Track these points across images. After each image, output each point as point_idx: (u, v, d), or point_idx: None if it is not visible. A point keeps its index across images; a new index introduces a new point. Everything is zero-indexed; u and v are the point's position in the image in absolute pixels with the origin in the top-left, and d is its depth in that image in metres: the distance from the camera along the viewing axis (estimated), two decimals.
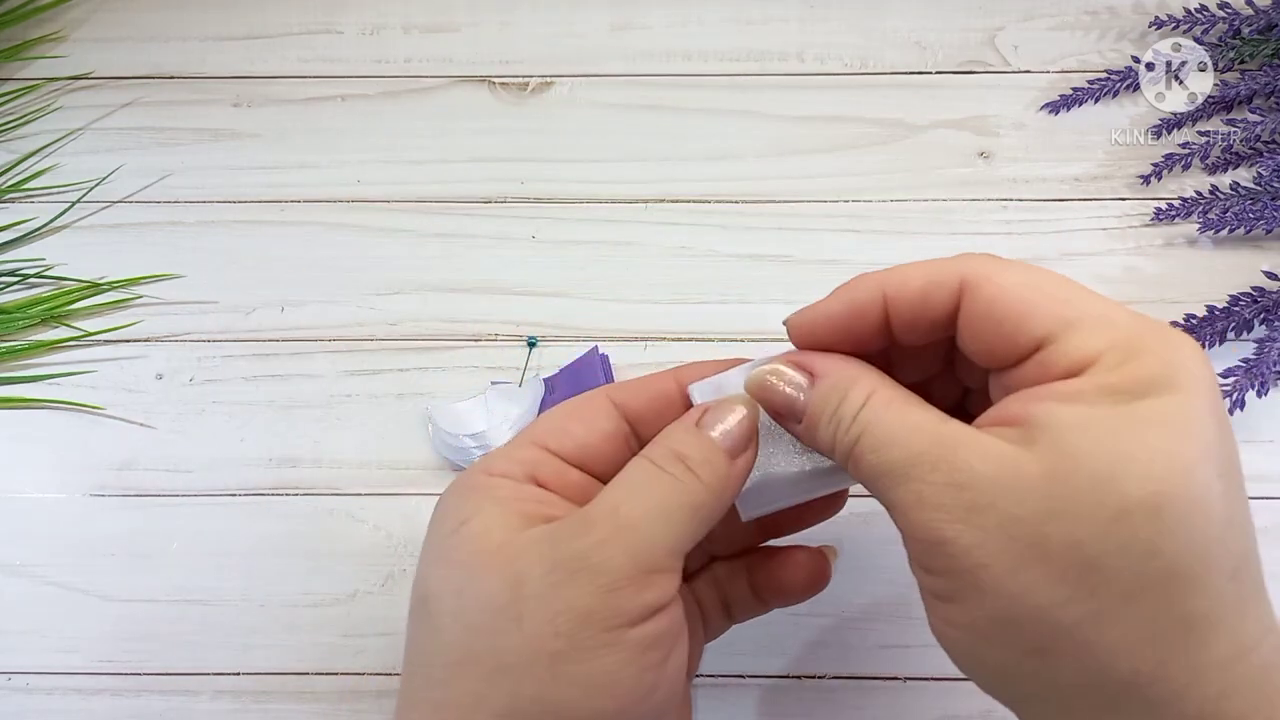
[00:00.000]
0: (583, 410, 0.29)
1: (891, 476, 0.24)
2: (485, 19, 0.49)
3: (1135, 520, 0.20)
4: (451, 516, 0.27)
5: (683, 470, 0.26)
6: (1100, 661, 0.21)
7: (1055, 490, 0.21)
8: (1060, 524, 0.21)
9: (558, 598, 0.24)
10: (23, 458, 0.42)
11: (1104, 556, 0.21)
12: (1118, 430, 0.21)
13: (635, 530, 0.25)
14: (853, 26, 0.48)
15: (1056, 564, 0.21)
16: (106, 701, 0.38)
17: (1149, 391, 0.21)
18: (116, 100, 0.48)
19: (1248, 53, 0.45)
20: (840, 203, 0.45)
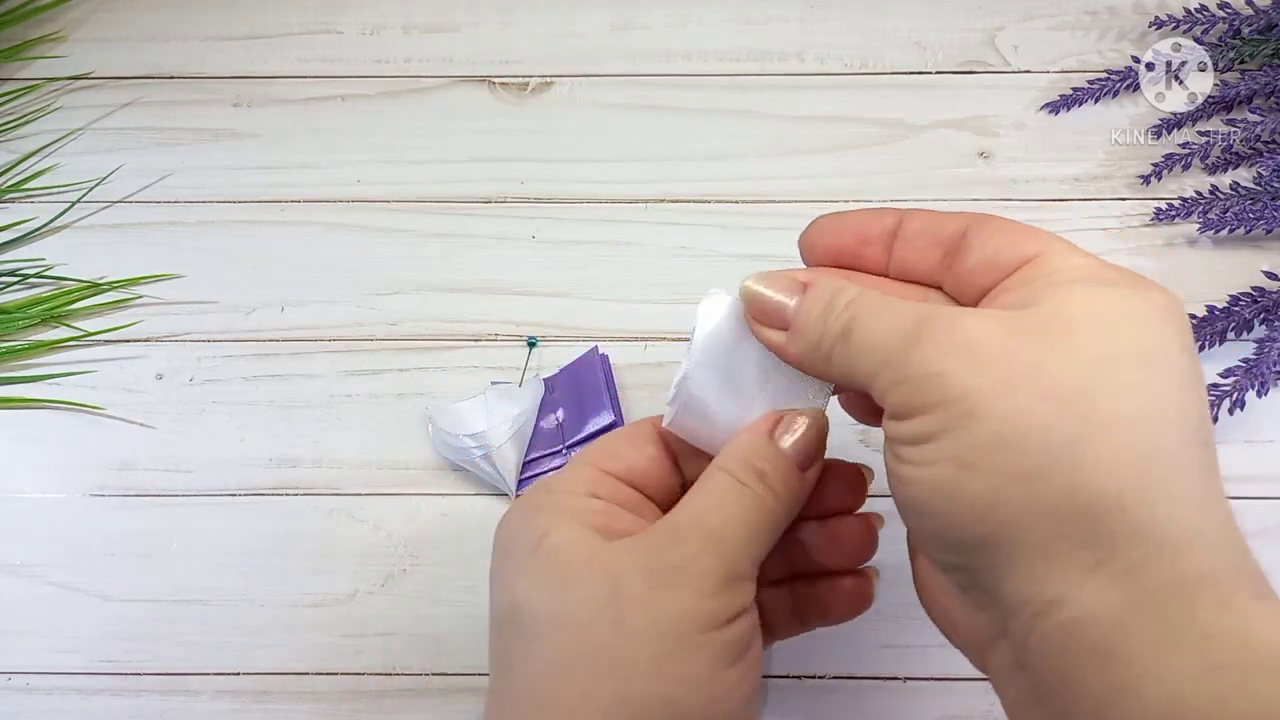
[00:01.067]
0: (631, 435, 0.31)
1: (886, 339, 0.24)
2: (485, 19, 0.49)
3: (1125, 363, 0.22)
4: (528, 533, 0.28)
5: (761, 485, 0.28)
6: (1086, 480, 0.21)
7: (1052, 336, 0.22)
8: (1054, 358, 0.22)
9: (658, 602, 0.26)
10: (23, 458, 0.42)
11: (1096, 387, 0.22)
12: (1108, 302, 0.23)
13: (723, 540, 0.27)
14: (853, 26, 0.48)
15: (1050, 390, 0.22)
16: (106, 701, 0.38)
17: (1135, 287, 0.24)
18: (116, 100, 0.48)
19: (1248, 53, 0.45)
20: (840, 203, 0.45)
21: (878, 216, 0.29)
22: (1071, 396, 0.22)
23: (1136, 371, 0.22)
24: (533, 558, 0.27)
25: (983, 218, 0.27)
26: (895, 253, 0.28)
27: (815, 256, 0.30)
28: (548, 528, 0.28)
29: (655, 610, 0.26)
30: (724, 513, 0.27)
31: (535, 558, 0.27)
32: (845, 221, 0.29)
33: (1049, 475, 0.22)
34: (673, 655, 0.26)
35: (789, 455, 0.28)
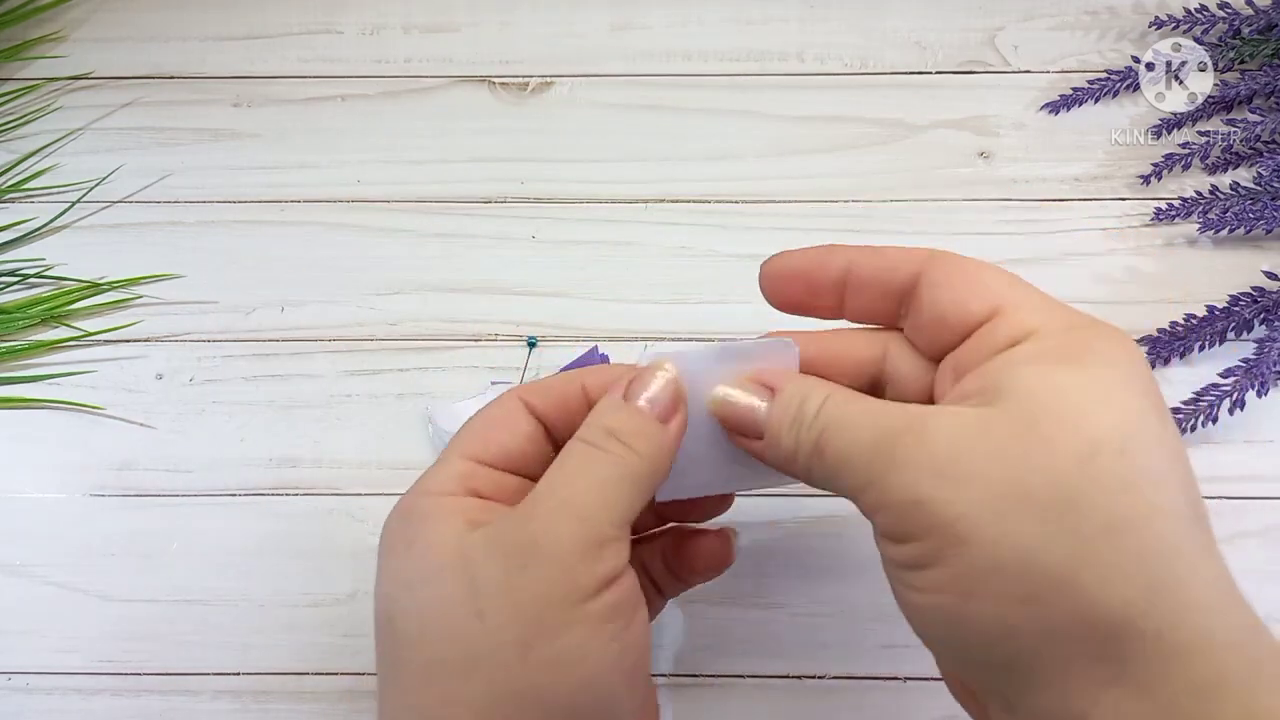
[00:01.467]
0: (500, 417, 0.30)
1: (860, 455, 0.24)
2: (485, 19, 0.49)
3: (1105, 458, 0.21)
4: (399, 539, 0.27)
5: (617, 444, 0.27)
6: (1091, 598, 0.21)
7: (1025, 437, 0.22)
8: (1034, 468, 0.22)
9: (514, 586, 0.25)
10: (23, 458, 0.42)
11: (1081, 494, 0.21)
12: (1074, 383, 0.22)
13: (577, 507, 0.26)
14: (853, 26, 0.48)
15: (1036, 506, 0.21)
16: (106, 701, 0.38)
17: (1090, 357, 0.23)
18: (116, 100, 0.48)
19: (1248, 53, 0.45)
20: (840, 203, 0.45)
21: (824, 264, 0.28)
22: (1060, 510, 0.21)
23: (1120, 464, 0.22)
24: (403, 561, 0.27)
25: (934, 262, 0.26)
26: (847, 302, 0.28)
27: (775, 302, 0.30)
28: (415, 533, 0.27)
29: (514, 594, 0.25)
30: (579, 479, 0.26)
31: (402, 565, 0.27)
32: (792, 267, 0.29)
33: (1053, 598, 0.21)
34: (540, 639, 0.25)
35: (645, 409, 0.27)
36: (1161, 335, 0.42)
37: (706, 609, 0.38)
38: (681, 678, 0.37)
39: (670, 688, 0.37)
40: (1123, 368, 0.23)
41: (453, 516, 0.27)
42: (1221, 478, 0.40)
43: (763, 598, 0.38)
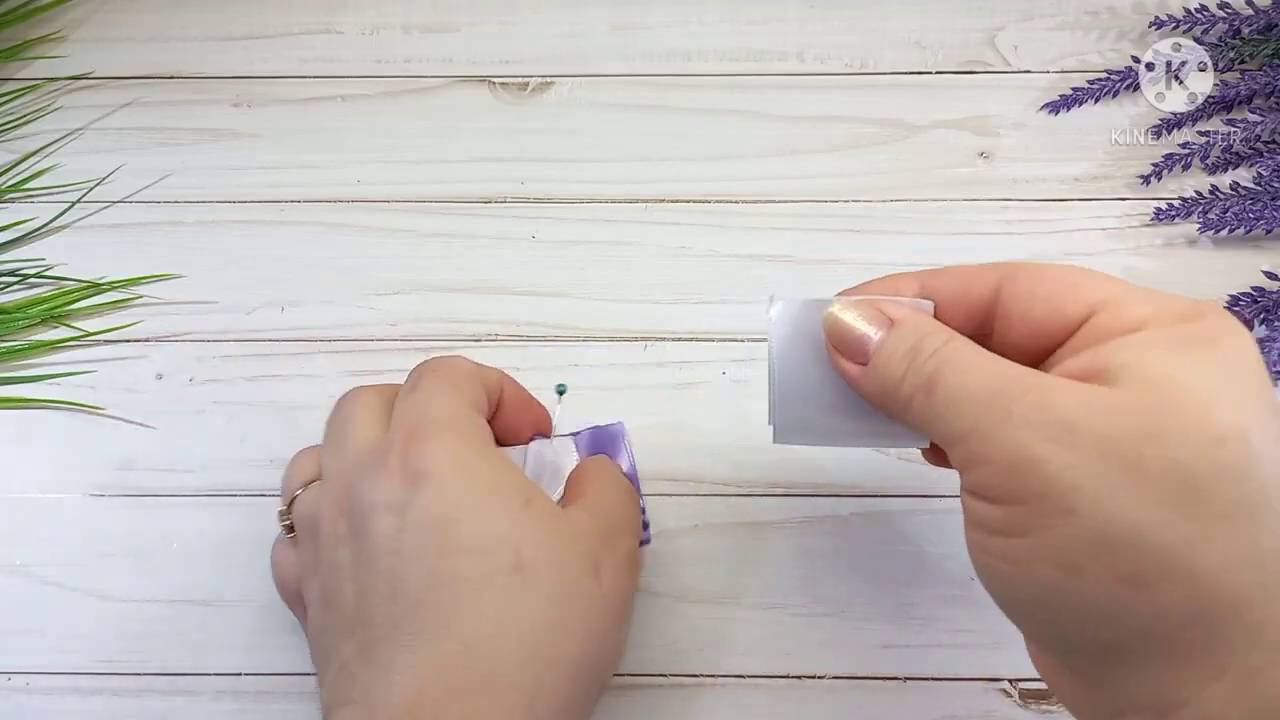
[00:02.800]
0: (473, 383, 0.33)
1: (974, 400, 0.23)
2: (485, 19, 0.49)
3: (1231, 445, 0.21)
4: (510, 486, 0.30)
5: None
6: (1202, 585, 0.21)
7: (1151, 413, 0.21)
8: (1158, 445, 0.21)
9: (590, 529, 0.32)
10: (23, 458, 0.42)
11: (1203, 478, 0.21)
12: (1197, 372, 0.22)
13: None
14: (853, 26, 0.48)
15: (1155, 484, 0.21)
16: (106, 701, 0.38)
17: (1209, 348, 0.22)
18: (116, 100, 0.48)
19: (1248, 53, 0.45)
20: (840, 203, 0.45)
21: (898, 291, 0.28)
22: (1182, 492, 0.21)
23: (1244, 454, 0.21)
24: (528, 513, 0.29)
25: (1012, 274, 0.26)
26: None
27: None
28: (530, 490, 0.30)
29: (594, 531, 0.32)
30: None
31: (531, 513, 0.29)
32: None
33: (1164, 580, 0.21)
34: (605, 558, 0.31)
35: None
36: None
37: (706, 609, 0.38)
38: (681, 678, 0.37)
39: (670, 688, 0.37)
40: (1243, 361, 0.22)
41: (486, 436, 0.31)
42: None
43: (763, 598, 0.38)
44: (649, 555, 0.39)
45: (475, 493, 0.29)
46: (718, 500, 0.40)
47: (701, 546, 0.39)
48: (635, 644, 0.38)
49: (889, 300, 0.27)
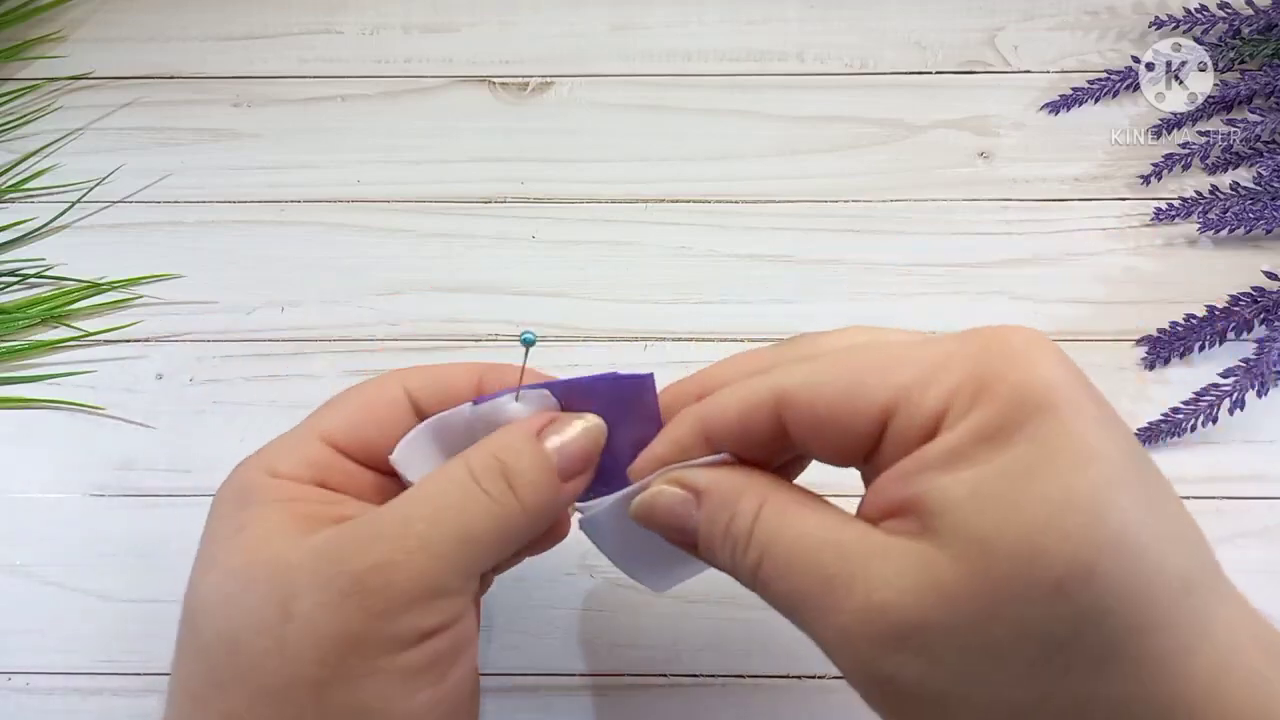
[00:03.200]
0: (377, 407, 0.27)
1: (805, 607, 0.21)
2: (485, 19, 0.49)
3: (1073, 589, 0.19)
4: (230, 519, 0.24)
5: (503, 489, 0.24)
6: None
7: (982, 588, 0.19)
8: (1002, 623, 0.19)
9: (324, 621, 0.22)
10: (23, 458, 0.42)
11: (1058, 638, 0.19)
12: (1012, 493, 0.19)
13: (426, 552, 0.23)
14: (853, 26, 0.48)
15: (1016, 665, 0.19)
16: (106, 701, 0.38)
17: (1016, 424, 0.20)
18: (116, 100, 0.48)
19: (1248, 53, 0.45)
20: (840, 203, 0.45)
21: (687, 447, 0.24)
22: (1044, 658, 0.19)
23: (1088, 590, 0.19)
24: (224, 548, 0.24)
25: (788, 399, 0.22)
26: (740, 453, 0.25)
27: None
28: (248, 518, 0.24)
29: (319, 630, 0.22)
30: (442, 520, 0.23)
31: (226, 549, 0.24)
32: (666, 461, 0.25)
33: None
34: (337, 683, 0.22)
35: (553, 464, 0.24)
36: (1161, 335, 0.42)
37: (706, 609, 0.38)
38: (681, 678, 0.37)
39: (670, 688, 0.37)
40: (1059, 427, 0.20)
41: (289, 511, 0.24)
42: (1221, 478, 0.40)
43: None
44: None
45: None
46: None
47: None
48: (635, 644, 0.38)
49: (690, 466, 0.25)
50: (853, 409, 0.22)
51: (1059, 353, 0.21)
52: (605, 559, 0.28)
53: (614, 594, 0.38)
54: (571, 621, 0.38)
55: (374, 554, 0.22)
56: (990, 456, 0.20)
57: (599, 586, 0.38)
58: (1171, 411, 0.40)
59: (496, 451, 0.24)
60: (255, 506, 0.24)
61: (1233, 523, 0.39)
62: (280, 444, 0.26)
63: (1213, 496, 0.39)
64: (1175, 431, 0.40)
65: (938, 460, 0.20)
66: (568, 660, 0.37)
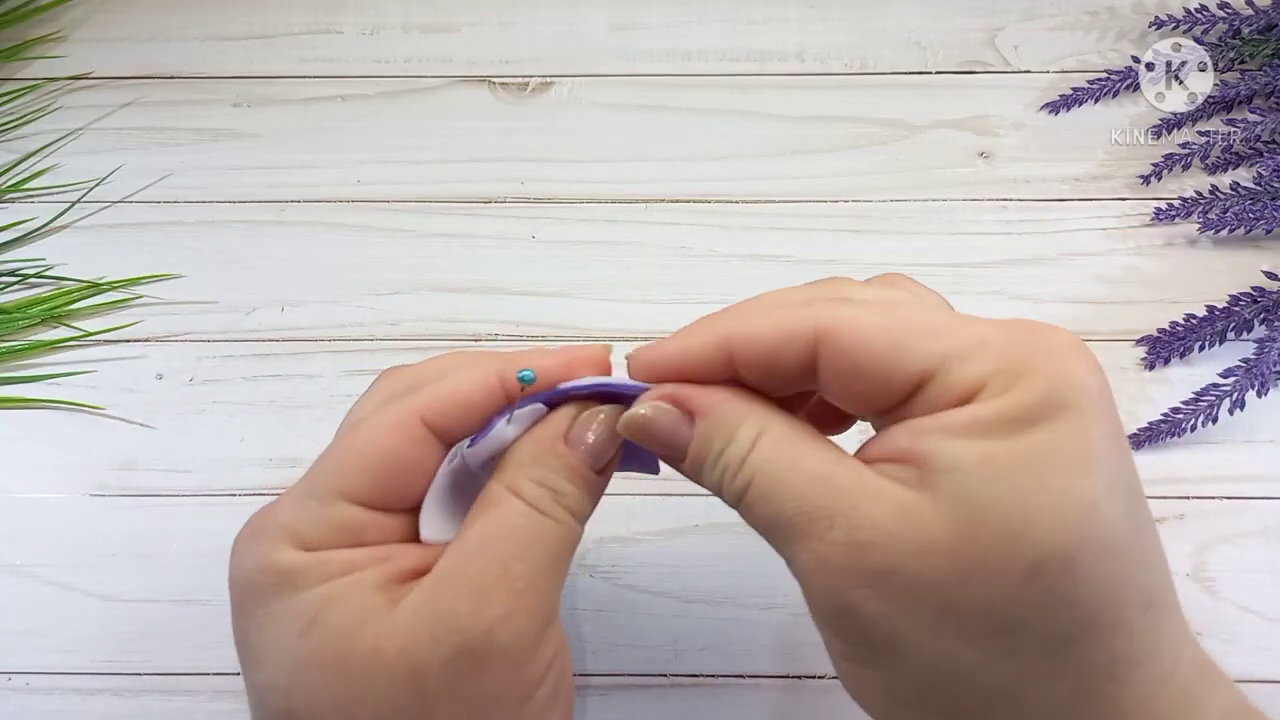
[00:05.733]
0: (400, 453, 0.24)
1: (786, 531, 0.22)
2: (485, 19, 0.49)
3: (1049, 574, 0.19)
4: (288, 614, 0.23)
5: (563, 512, 0.24)
6: (1024, 713, 0.20)
7: (963, 549, 0.20)
8: (972, 586, 0.20)
9: (469, 689, 0.22)
10: (23, 458, 0.42)
11: (1020, 615, 0.19)
12: (1019, 472, 0.20)
13: (534, 592, 0.23)
14: (853, 26, 0.48)
15: (972, 628, 0.20)
16: (106, 701, 0.38)
17: (1042, 416, 0.20)
18: (116, 100, 0.48)
19: (1248, 53, 0.45)
20: (840, 203, 0.45)
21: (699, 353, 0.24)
22: (996, 633, 0.20)
23: (1063, 580, 0.19)
24: (302, 646, 0.22)
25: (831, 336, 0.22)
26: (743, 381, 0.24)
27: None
28: (316, 606, 0.22)
29: (464, 695, 0.22)
30: (529, 552, 0.23)
31: (306, 647, 0.22)
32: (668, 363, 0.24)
33: (988, 718, 0.21)
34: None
35: (591, 475, 0.25)
36: (1161, 335, 0.42)
37: (706, 609, 0.38)
38: (681, 678, 0.37)
39: (670, 688, 0.37)
40: (1079, 428, 0.20)
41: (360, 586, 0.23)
42: (1221, 478, 0.40)
43: (763, 598, 0.38)
44: (647, 554, 0.39)
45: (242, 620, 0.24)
46: (718, 500, 0.40)
47: (701, 546, 0.39)
48: (635, 644, 0.38)
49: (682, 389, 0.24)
50: (894, 363, 0.22)
51: (1094, 360, 0.21)
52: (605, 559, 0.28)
53: (614, 594, 0.38)
54: (571, 621, 0.38)
55: (493, 610, 0.22)
56: (1009, 436, 0.20)
57: (599, 586, 0.38)
58: (1171, 411, 0.40)
59: (541, 479, 0.24)
60: (310, 591, 0.23)
61: (1233, 523, 0.39)
62: (298, 510, 0.24)
63: (1213, 496, 0.39)
64: (1175, 431, 0.40)
65: (957, 426, 0.21)
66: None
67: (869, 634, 0.21)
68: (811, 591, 0.22)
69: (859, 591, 0.20)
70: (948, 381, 0.21)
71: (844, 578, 0.21)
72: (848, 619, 0.21)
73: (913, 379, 0.22)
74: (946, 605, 0.20)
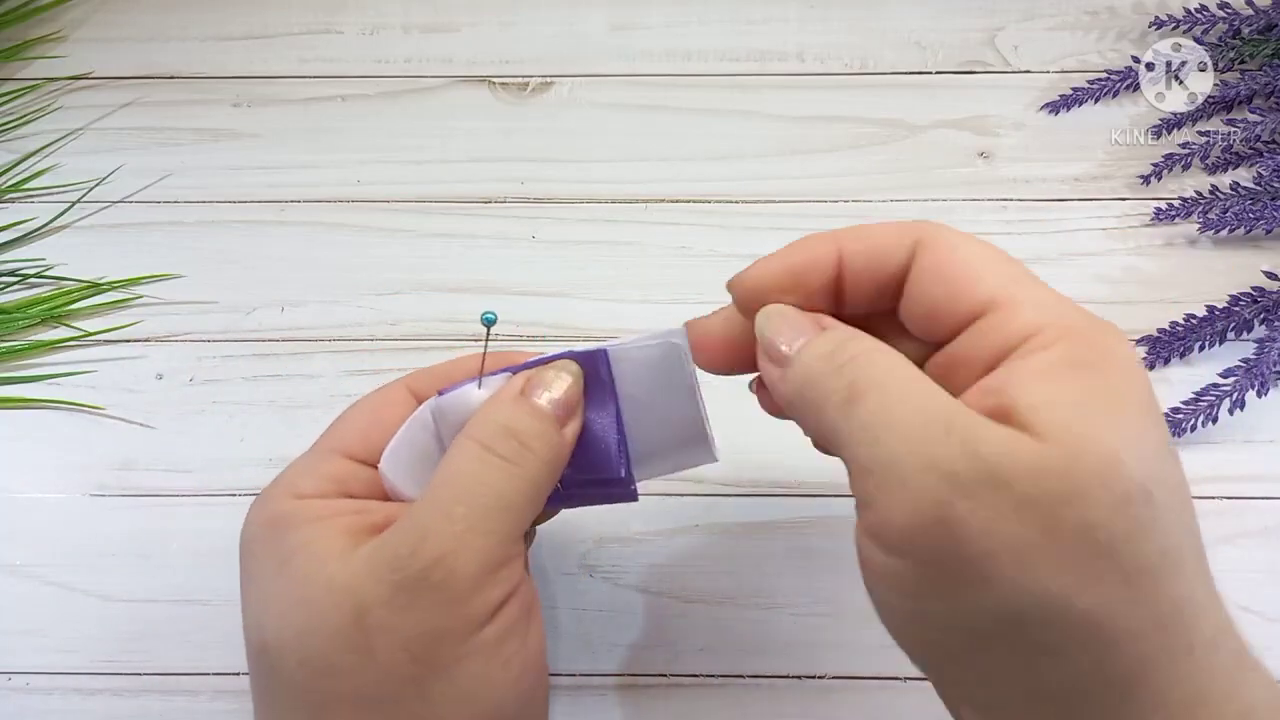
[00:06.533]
0: (383, 411, 0.28)
1: (894, 431, 0.21)
2: (485, 19, 0.49)
3: (1135, 504, 0.20)
4: (269, 555, 0.25)
5: (516, 449, 0.25)
6: (1111, 652, 0.20)
7: (1072, 471, 0.20)
8: (1073, 507, 0.20)
9: (405, 622, 0.23)
10: (23, 458, 0.42)
11: (1112, 540, 0.20)
12: (1104, 412, 0.21)
13: (475, 532, 0.24)
14: (853, 26, 0.48)
15: (1068, 550, 0.20)
16: (106, 701, 0.38)
17: (1107, 369, 0.21)
18: (116, 100, 0.48)
19: (1248, 53, 0.45)
20: (840, 203, 0.45)
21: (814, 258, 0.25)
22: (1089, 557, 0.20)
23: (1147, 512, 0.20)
24: (277, 582, 0.24)
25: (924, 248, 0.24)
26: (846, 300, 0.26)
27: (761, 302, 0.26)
28: (292, 547, 0.24)
29: (404, 632, 0.23)
30: (476, 495, 0.24)
31: (279, 583, 0.24)
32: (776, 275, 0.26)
33: (1074, 650, 0.20)
34: (435, 674, 0.23)
35: (548, 412, 0.26)
36: (1161, 335, 0.42)
37: (706, 609, 0.38)
38: (681, 678, 0.37)
39: (670, 688, 0.37)
40: (1133, 382, 0.22)
41: (330, 529, 0.25)
42: (1221, 478, 0.40)
43: (763, 598, 0.38)
44: (647, 554, 0.39)
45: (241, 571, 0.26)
46: (718, 500, 0.40)
47: (701, 546, 0.39)
48: (635, 644, 0.38)
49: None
50: (970, 283, 0.23)
51: (1127, 339, 0.23)
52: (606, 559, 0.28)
53: (614, 594, 0.38)
54: (571, 621, 0.38)
55: (429, 550, 0.23)
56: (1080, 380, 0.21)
57: (599, 586, 0.38)
58: (1171, 411, 0.40)
59: (495, 418, 0.25)
60: (292, 532, 0.25)
61: (1233, 523, 0.39)
62: (297, 467, 0.27)
63: (1213, 496, 0.39)
64: (1175, 431, 0.40)
65: (1037, 371, 0.22)
66: (568, 660, 0.37)
67: (963, 551, 0.20)
68: (905, 500, 0.21)
69: (965, 504, 0.20)
70: (1009, 317, 0.22)
71: (952, 486, 0.20)
72: (942, 533, 0.20)
73: (980, 304, 0.23)
74: (1048, 525, 0.20)
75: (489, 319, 0.28)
